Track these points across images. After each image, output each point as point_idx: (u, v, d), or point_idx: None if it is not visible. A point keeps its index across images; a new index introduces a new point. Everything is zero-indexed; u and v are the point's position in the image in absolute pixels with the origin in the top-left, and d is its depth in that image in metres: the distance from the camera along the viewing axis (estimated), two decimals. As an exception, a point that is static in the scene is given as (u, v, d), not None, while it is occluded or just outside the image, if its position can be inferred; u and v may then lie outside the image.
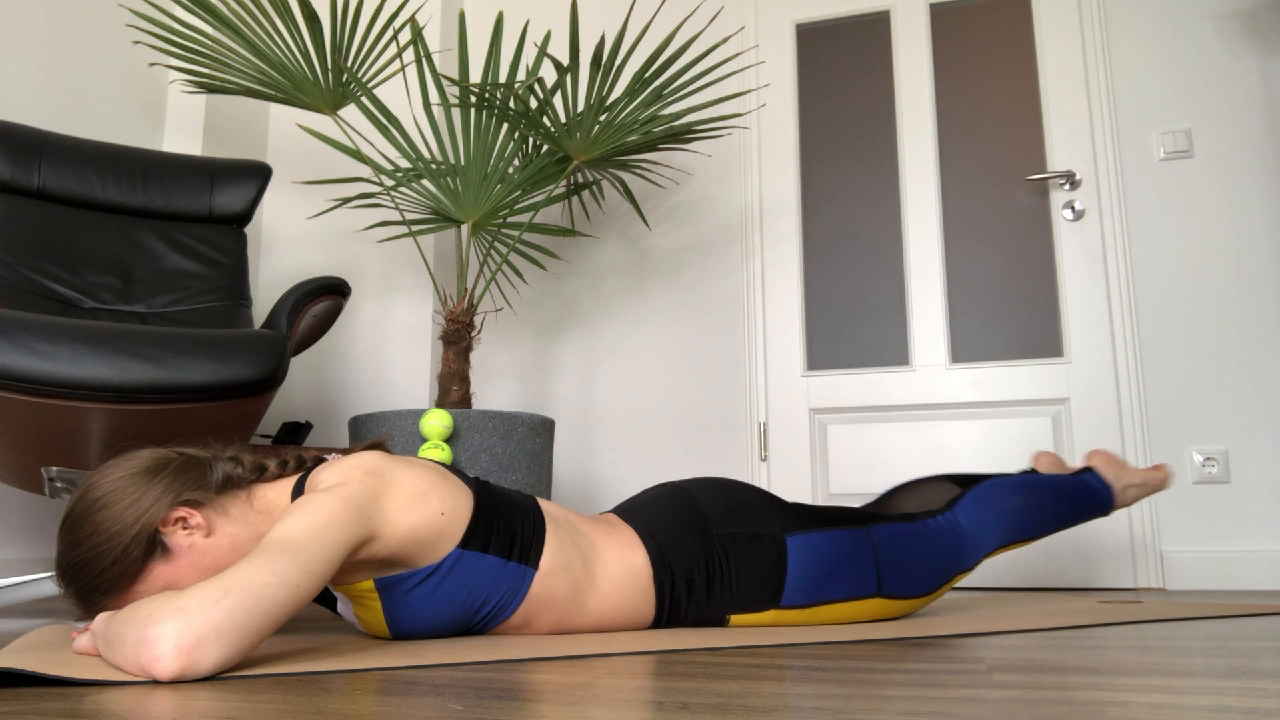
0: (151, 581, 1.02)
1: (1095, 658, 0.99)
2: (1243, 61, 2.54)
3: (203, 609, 0.82)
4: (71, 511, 1.02)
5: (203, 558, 1.04)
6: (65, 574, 1.02)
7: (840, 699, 0.73)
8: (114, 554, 1.00)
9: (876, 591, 1.40)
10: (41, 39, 2.40)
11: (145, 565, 1.01)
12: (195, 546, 1.04)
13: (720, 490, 1.39)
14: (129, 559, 1.00)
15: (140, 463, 1.06)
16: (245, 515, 1.09)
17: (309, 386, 2.97)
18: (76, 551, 1.00)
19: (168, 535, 1.03)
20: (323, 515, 0.98)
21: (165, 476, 1.05)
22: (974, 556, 1.50)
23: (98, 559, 1.00)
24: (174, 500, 1.04)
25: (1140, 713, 0.65)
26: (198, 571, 1.04)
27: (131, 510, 1.01)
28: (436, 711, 0.67)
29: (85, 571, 1.00)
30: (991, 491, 1.55)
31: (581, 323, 2.97)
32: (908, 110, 2.80)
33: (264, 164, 2.38)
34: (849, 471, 2.67)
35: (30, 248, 2.05)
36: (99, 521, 1.01)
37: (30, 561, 2.27)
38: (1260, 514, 2.35)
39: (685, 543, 1.30)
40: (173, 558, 1.03)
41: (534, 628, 1.23)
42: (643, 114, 2.30)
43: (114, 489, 1.02)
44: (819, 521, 1.38)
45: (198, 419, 1.65)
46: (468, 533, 1.14)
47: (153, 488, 1.03)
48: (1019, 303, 2.63)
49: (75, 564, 1.00)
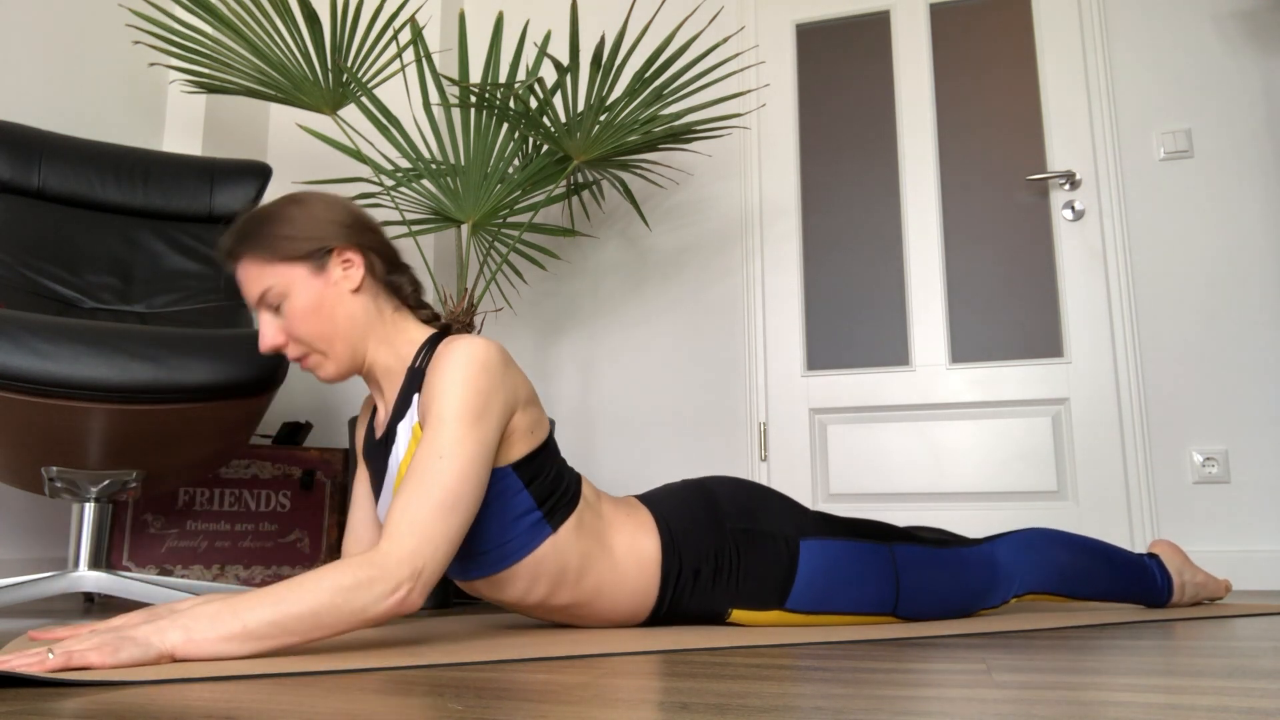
0: (284, 275, 1.15)
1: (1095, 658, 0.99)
2: (1242, 61, 2.54)
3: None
4: (288, 195, 1.19)
5: (326, 303, 1.16)
6: (246, 217, 1.17)
7: (840, 699, 0.73)
8: (292, 230, 1.15)
9: (892, 611, 1.38)
10: (42, 39, 2.40)
11: (297, 261, 1.15)
12: (335, 288, 1.17)
13: (741, 489, 1.40)
14: (296, 240, 1.15)
15: (360, 210, 1.21)
16: (379, 316, 1.21)
17: (309, 386, 2.97)
18: (271, 209, 1.17)
19: (331, 259, 1.17)
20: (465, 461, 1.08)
21: (369, 229, 1.20)
22: (1001, 595, 1.46)
23: (282, 223, 1.15)
24: (360, 244, 1.18)
25: (1140, 713, 0.65)
26: (315, 305, 1.15)
27: (330, 220, 1.17)
28: (436, 711, 0.67)
29: (263, 221, 1.15)
30: (1042, 538, 1.51)
31: (581, 323, 2.97)
32: (908, 110, 2.80)
33: (264, 164, 2.38)
34: (849, 471, 2.67)
35: (30, 248, 2.05)
36: (307, 205, 1.17)
37: (30, 561, 2.27)
38: (1260, 514, 2.35)
39: (698, 533, 1.31)
40: (315, 277, 1.15)
41: (532, 591, 1.23)
42: (643, 114, 2.30)
43: (334, 201, 1.19)
44: (838, 530, 1.37)
45: (198, 419, 1.65)
46: (526, 458, 1.18)
47: (356, 225, 1.19)
48: (1019, 303, 2.63)
49: (262, 214, 1.16)
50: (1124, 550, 1.59)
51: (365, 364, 1.23)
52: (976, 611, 1.48)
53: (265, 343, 1.18)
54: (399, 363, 1.22)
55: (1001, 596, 1.47)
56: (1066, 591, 1.52)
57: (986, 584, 1.44)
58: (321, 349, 1.19)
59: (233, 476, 2.28)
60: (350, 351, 1.20)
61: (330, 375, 1.20)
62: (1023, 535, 1.51)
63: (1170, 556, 1.63)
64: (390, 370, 1.22)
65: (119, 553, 2.14)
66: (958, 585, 1.41)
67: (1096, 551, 1.54)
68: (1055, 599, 1.54)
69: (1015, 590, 1.48)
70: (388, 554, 0.99)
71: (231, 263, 1.19)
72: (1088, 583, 1.52)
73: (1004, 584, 1.45)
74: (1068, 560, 1.50)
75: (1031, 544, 1.49)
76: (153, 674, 0.84)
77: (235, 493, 2.27)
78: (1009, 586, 1.46)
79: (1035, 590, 1.50)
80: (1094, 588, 1.53)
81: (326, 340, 1.18)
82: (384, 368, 1.22)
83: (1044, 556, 1.49)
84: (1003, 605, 1.61)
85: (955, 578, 1.41)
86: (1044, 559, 1.49)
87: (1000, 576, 1.45)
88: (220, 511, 2.25)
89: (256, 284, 1.17)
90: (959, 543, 1.45)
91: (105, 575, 1.70)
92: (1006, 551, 1.47)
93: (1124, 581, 1.55)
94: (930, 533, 1.50)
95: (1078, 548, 1.53)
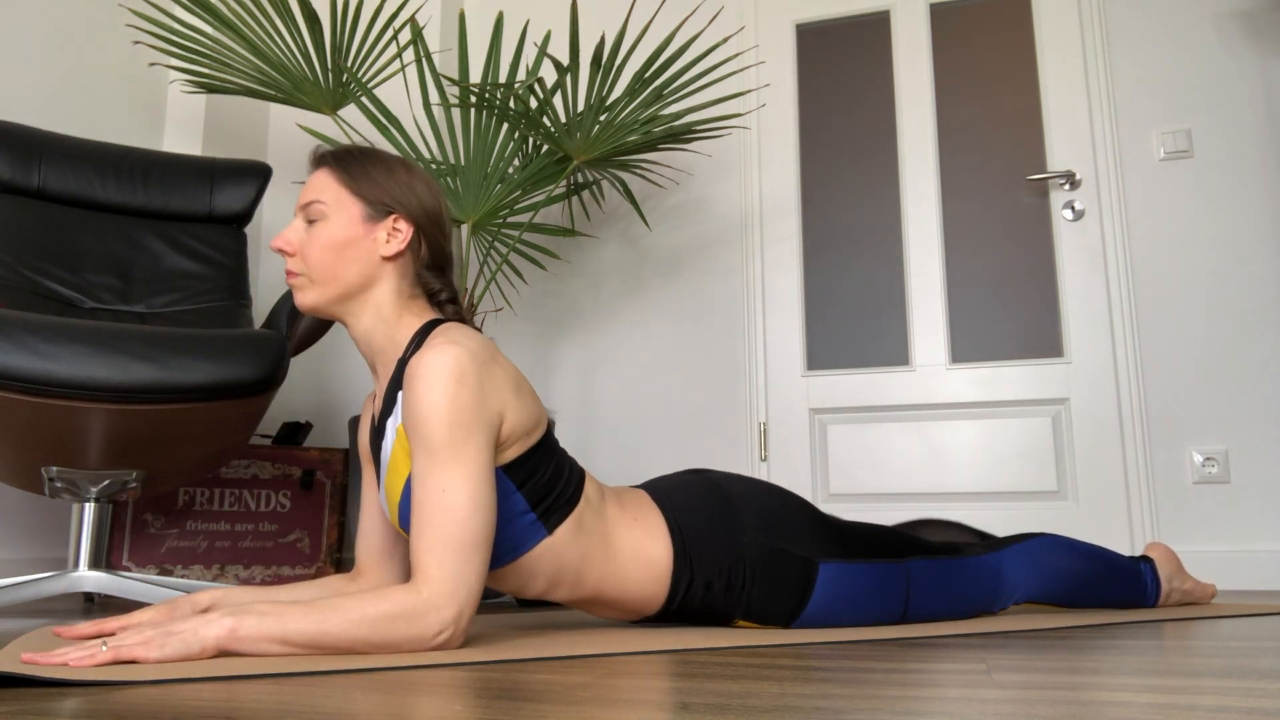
0: (341, 201, 1.18)
1: (1095, 658, 0.99)
2: (1242, 61, 2.54)
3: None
4: (401, 157, 1.25)
5: (352, 247, 1.17)
6: (356, 145, 1.25)
7: (840, 699, 0.73)
8: (379, 176, 1.19)
9: (899, 620, 1.38)
10: (42, 39, 2.40)
11: (360, 199, 1.18)
12: (370, 241, 1.18)
13: (758, 494, 1.34)
14: (375, 186, 1.19)
15: (446, 210, 1.26)
16: (391, 292, 1.20)
17: (309, 386, 2.97)
18: (379, 153, 1.23)
19: (386, 219, 1.19)
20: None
21: (438, 225, 1.23)
22: (1003, 603, 1.47)
23: (376, 166, 1.20)
24: (420, 227, 1.20)
25: (1140, 713, 0.65)
26: (342, 242, 1.17)
27: (414, 194, 1.21)
28: (436, 711, 0.67)
29: (364, 155, 1.21)
30: (1046, 547, 1.51)
31: (581, 323, 2.97)
32: (908, 110, 2.80)
33: (264, 164, 2.37)
34: (849, 471, 2.67)
35: (30, 248, 2.05)
36: (408, 171, 1.22)
37: (30, 561, 2.27)
38: (1260, 514, 2.35)
39: (713, 545, 1.27)
40: (362, 222, 1.18)
41: (528, 587, 1.23)
42: (643, 114, 2.30)
43: (433, 187, 1.24)
44: (858, 551, 1.33)
45: (198, 419, 1.65)
46: (518, 460, 1.16)
47: (430, 214, 1.21)
48: (1019, 303, 2.63)
49: (368, 151, 1.22)
50: (1120, 555, 1.60)
51: (359, 333, 1.21)
52: (979, 616, 1.48)
53: (278, 241, 1.19)
54: (393, 348, 1.20)
55: (1002, 605, 1.48)
56: (1066, 601, 1.54)
57: (990, 594, 1.44)
58: (318, 279, 1.18)
59: (233, 476, 2.28)
60: (337, 296, 1.19)
61: (306, 303, 1.20)
62: (1030, 546, 1.51)
63: (1164, 562, 1.65)
64: (385, 353, 1.20)
65: (119, 553, 2.14)
66: (963, 597, 1.42)
67: (1097, 558, 1.55)
68: (1052, 607, 1.55)
69: (1017, 598, 1.49)
70: (429, 602, 1.01)
71: (315, 166, 1.22)
72: (1086, 592, 1.54)
73: (1007, 594, 1.47)
74: (1069, 568, 1.52)
75: (1036, 553, 1.50)
76: (154, 674, 0.84)
77: (235, 493, 2.27)
78: (1011, 595, 1.47)
79: (1036, 599, 1.52)
80: (1092, 596, 1.55)
81: (328, 275, 1.17)
82: (379, 348, 1.20)
83: (1047, 567, 1.50)
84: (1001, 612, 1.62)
85: (961, 590, 1.41)
86: (1047, 569, 1.50)
87: (1004, 587, 1.46)
88: (220, 511, 2.25)
89: (315, 192, 1.19)
90: (969, 550, 1.45)
91: (105, 575, 1.70)
92: (1013, 563, 1.47)
93: (1117, 587, 1.57)
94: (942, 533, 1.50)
95: (1080, 555, 1.54)
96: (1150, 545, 1.69)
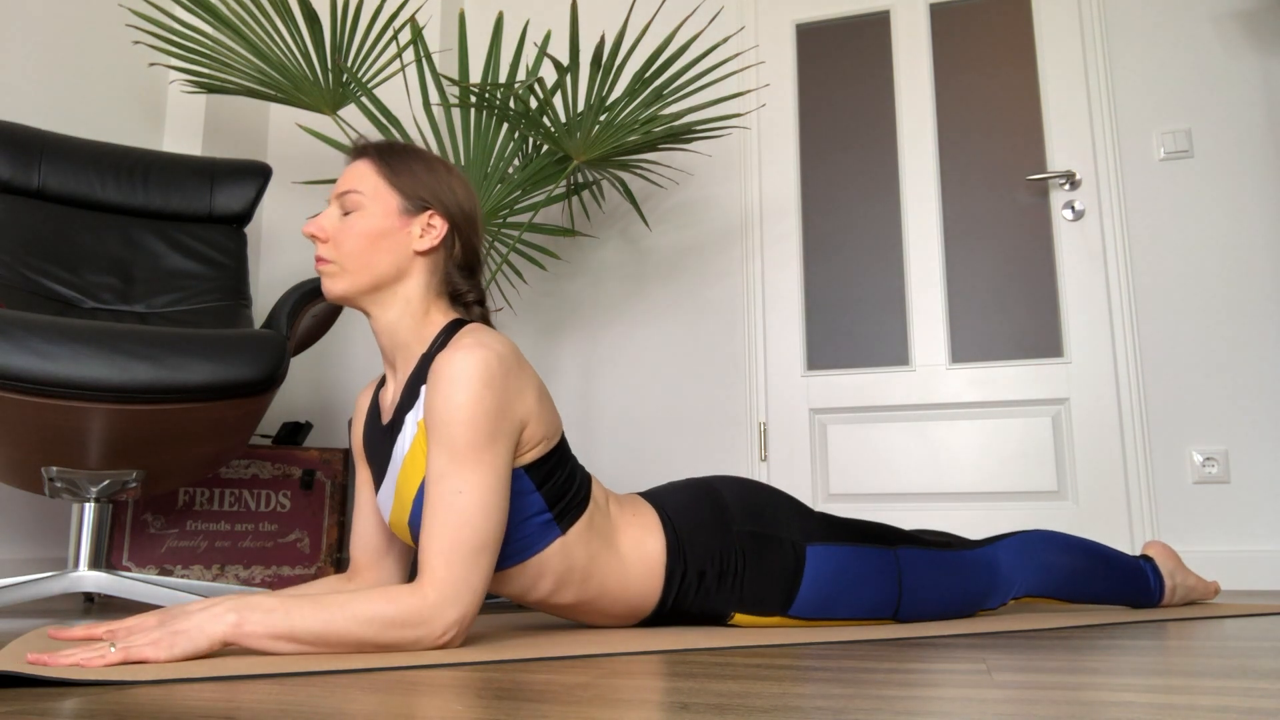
0: (378, 192, 1.18)
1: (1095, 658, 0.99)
2: (1243, 61, 2.54)
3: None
4: (442, 158, 1.26)
5: (387, 238, 1.18)
6: (399, 141, 1.26)
7: (840, 699, 0.73)
8: (421, 172, 1.20)
9: (892, 616, 1.38)
10: (41, 39, 2.40)
11: (399, 193, 1.18)
12: (404, 234, 1.19)
13: (747, 490, 1.38)
14: (415, 181, 1.19)
15: (481, 213, 1.27)
16: (420, 287, 1.20)
17: (309, 386, 2.97)
18: (422, 150, 1.24)
19: (422, 215, 1.19)
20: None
21: (472, 226, 1.23)
22: (1000, 598, 1.47)
23: (418, 161, 1.21)
24: (455, 226, 1.21)
25: (1140, 713, 0.65)
26: (377, 233, 1.17)
27: (453, 194, 1.22)
28: (437, 711, 0.67)
29: (407, 150, 1.22)
30: (1041, 541, 1.51)
31: (581, 323, 2.97)
32: (908, 110, 2.80)
33: (264, 164, 2.38)
34: (849, 471, 2.67)
35: (30, 248, 2.05)
36: (448, 171, 1.23)
37: (30, 561, 2.27)
38: (1260, 514, 2.35)
39: (705, 535, 1.30)
40: (398, 215, 1.18)
41: (535, 588, 1.23)
42: (643, 114, 2.30)
43: (470, 190, 1.25)
44: (845, 535, 1.36)
45: (198, 419, 1.65)
46: (538, 461, 1.17)
47: (466, 215, 1.22)
48: (1019, 303, 2.63)
49: (412, 148, 1.23)
50: (1120, 553, 1.60)
51: (384, 325, 1.21)
52: (975, 614, 1.48)
53: (311, 227, 1.19)
54: (418, 343, 1.20)
55: (1000, 599, 1.48)
56: (1064, 595, 1.54)
57: (986, 587, 1.44)
58: (350, 268, 1.18)
59: (233, 476, 2.28)
60: (367, 286, 1.19)
61: (336, 290, 1.20)
62: (1023, 538, 1.51)
63: (1164, 559, 1.64)
64: (409, 347, 1.20)
65: (119, 553, 2.14)
66: (958, 588, 1.42)
67: (1094, 554, 1.55)
68: (1052, 601, 1.55)
69: (1014, 593, 1.49)
70: (435, 605, 1.01)
71: (355, 156, 1.22)
72: (1085, 585, 1.53)
73: (1003, 587, 1.46)
74: (1066, 563, 1.51)
75: (1031, 547, 1.50)
76: (153, 673, 0.84)
77: (235, 493, 2.27)
78: (1008, 589, 1.47)
79: (1034, 593, 1.51)
80: (1090, 590, 1.54)
81: (360, 264, 1.18)
82: (403, 341, 1.20)
83: (1043, 559, 1.50)
84: (1001, 607, 1.61)
85: (956, 581, 1.41)
86: (1043, 562, 1.49)
87: (1000, 580, 1.45)
88: (220, 511, 2.25)
89: (353, 181, 1.19)
90: (962, 545, 1.45)
91: (105, 575, 1.70)
92: (1007, 555, 1.47)
93: (1119, 584, 1.56)
94: (934, 535, 1.50)
95: (1076, 550, 1.53)
96: (1148, 544, 1.69)
